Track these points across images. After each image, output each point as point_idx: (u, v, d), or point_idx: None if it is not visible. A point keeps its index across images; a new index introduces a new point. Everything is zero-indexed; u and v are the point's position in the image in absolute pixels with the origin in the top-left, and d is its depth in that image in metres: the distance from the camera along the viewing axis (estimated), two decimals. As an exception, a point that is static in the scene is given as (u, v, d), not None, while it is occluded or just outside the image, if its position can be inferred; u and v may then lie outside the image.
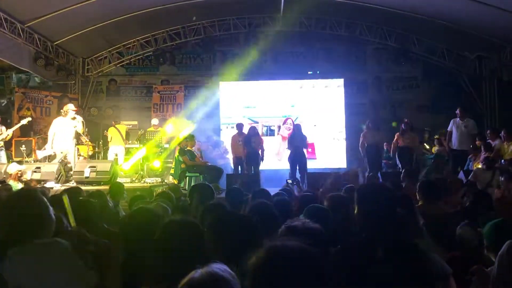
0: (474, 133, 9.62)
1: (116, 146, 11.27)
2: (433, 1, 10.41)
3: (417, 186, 4.83)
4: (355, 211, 2.15)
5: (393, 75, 13.83)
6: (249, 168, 10.25)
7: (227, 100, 13.33)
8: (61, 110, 9.76)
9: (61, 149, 9.47)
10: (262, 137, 11.23)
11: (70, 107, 9.69)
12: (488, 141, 9.36)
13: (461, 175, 8.59)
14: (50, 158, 9.78)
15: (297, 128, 10.66)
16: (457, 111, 9.70)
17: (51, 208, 2.09)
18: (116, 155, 11.15)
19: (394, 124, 10.83)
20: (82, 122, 9.76)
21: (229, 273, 1.38)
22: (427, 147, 12.08)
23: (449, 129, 9.82)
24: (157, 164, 10.71)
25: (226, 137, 12.65)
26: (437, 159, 9.17)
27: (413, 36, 12.97)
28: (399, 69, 13.68)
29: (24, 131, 10.85)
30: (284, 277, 1.26)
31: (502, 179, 6.59)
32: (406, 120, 10.48)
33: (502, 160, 8.60)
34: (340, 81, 13.41)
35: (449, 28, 11.33)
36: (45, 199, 2.10)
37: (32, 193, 2.13)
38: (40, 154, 9.93)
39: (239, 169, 10.47)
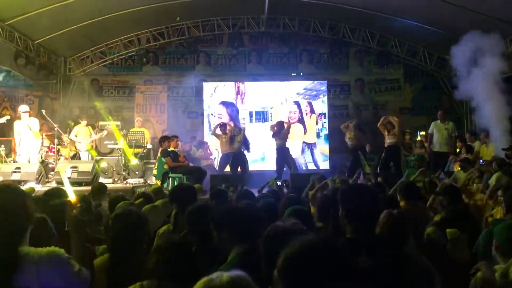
0: (455, 135, 9.79)
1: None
2: (414, 4, 10.56)
3: (398, 187, 4.92)
4: (340, 212, 2.18)
5: (375, 77, 14.01)
6: (233, 168, 10.29)
7: (210, 101, 13.29)
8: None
9: (25, 149, 9.44)
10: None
11: (20, 109, 9.67)
12: (468, 143, 9.55)
13: (441, 177, 8.72)
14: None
15: (280, 125, 10.69)
16: (439, 114, 9.85)
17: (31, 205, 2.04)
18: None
19: None
20: (37, 121, 9.81)
21: (246, 278, 1.38)
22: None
23: (430, 131, 9.97)
24: (134, 161, 10.58)
25: (210, 138, 12.63)
26: (418, 160, 9.27)
27: (394, 39, 13.16)
28: (381, 71, 13.86)
29: (3, 131, 10.66)
30: (317, 270, 1.33)
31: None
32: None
33: (481, 160, 8.78)
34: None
35: (430, 31, 11.52)
36: (25, 192, 2.04)
37: (11, 187, 2.06)
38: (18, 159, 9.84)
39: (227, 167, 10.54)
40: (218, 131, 10.51)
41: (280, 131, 10.47)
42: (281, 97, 13.24)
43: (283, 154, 10.39)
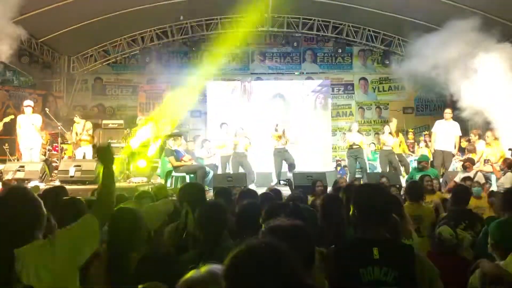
0: (459, 135, 9.75)
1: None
2: (417, 3, 10.53)
3: (404, 187, 4.91)
4: (350, 212, 2.16)
5: (379, 76, 13.98)
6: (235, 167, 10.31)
7: (214, 100, 13.29)
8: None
9: (26, 146, 9.40)
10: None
11: (24, 104, 9.63)
12: (471, 142, 9.51)
13: (445, 176, 8.71)
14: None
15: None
16: (446, 112, 9.78)
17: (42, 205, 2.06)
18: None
19: None
20: (40, 117, 9.69)
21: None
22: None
23: (433, 130, 9.93)
24: (142, 164, 10.52)
25: (213, 136, 12.62)
26: (422, 160, 9.26)
27: (398, 38, 13.11)
28: (384, 71, 13.82)
29: (7, 129, 10.67)
30: (256, 275, 1.25)
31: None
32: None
33: (485, 160, 8.76)
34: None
35: (432, 30, 11.47)
36: (37, 196, 2.06)
37: (24, 191, 2.08)
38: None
39: (227, 168, 10.54)
40: None
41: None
42: (297, 96, 13.22)
43: (284, 155, 10.35)
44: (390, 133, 10.19)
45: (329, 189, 6.84)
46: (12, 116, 9.98)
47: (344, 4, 11.42)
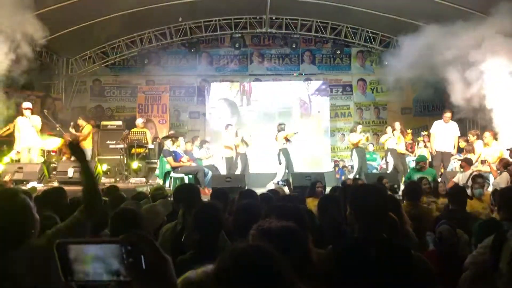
0: (458, 135, 9.78)
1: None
2: (416, 4, 10.55)
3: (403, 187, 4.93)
4: (347, 212, 2.16)
5: (377, 77, 13.99)
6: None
7: (213, 101, 13.30)
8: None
9: (25, 147, 9.40)
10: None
11: (23, 106, 9.63)
12: (469, 142, 9.53)
13: (444, 176, 8.73)
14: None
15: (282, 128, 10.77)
16: (447, 114, 9.80)
17: (34, 207, 2.05)
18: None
19: None
20: (40, 119, 9.68)
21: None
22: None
23: (432, 130, 9.96)
24: (135, 164, 10.50)
25: (213, 137, 12.64)
26: (420, 160, 9.28)
27: (396, 39, 13.12)
28: (383, 71, 13.82)
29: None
30: (244, 279, 1.21)
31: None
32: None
33: (482, 160, 8.77)
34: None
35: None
36: (27, 198, 2.06)
37: (13, 193, 2.08)
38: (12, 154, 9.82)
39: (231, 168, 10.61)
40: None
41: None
42: (296, 97, 13.21)
43: (288, 155, 10.44)
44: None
45: (328, 189, 6.84)
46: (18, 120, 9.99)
47: (343, 5, 11.46)
